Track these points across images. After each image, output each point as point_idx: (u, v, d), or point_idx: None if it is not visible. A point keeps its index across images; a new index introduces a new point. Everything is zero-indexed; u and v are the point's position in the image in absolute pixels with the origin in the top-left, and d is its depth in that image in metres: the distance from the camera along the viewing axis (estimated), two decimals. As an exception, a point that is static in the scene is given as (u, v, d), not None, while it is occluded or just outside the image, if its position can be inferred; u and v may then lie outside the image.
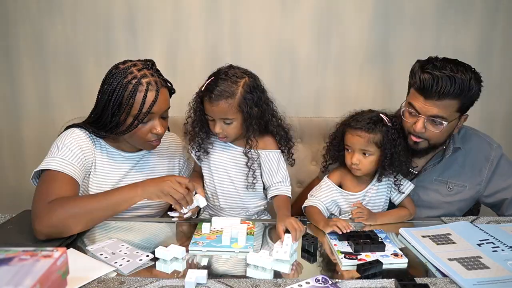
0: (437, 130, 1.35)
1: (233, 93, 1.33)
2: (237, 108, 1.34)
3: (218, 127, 1.36)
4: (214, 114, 1.35)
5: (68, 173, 1.28)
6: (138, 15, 2.03)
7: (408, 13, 2.04)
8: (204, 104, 1.37)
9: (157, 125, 1.35)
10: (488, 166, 1.43)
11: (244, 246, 1.21)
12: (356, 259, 1.14)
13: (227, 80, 1.34)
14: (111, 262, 1.11)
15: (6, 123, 2.19)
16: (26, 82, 2.13)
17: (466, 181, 1.46)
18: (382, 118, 1.40)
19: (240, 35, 2.06)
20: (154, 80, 1.32)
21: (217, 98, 1.32)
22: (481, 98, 2.09)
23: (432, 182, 1.50)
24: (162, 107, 1.35)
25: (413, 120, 1.37)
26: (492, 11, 2.04)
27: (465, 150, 1.47)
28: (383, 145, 1.38)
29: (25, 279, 0.83)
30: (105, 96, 1.32)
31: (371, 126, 1.38)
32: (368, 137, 1.38)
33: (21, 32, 2.06)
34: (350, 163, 1.42)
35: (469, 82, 1.29)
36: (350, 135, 1.41)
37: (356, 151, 1.40)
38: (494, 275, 1.04)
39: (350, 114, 1.47)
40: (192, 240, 1.24)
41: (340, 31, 2.05)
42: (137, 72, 1.31)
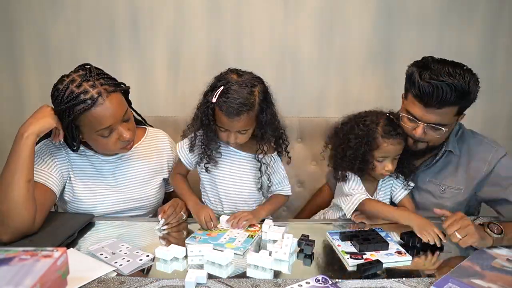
0: (437, 135, 1.34)
1: (252, 105, 1.28)
2: (255, 118, 1.31)
3: (233, 138, 1.32)
4: (232, 128, 1.30)
5: (39, 181, 1.28)
6: (141, 14, 2.03)
7: (411, 13, 2.03)
8: (218, 116, 1.30)
9: (122, 132, 1.29)
10: (486, 167, 1.39)
11: (237, 247, 1.21)
12: (362, 258, 1.14)
13: (243, 90, 1.27)
14: (111, 262, 1.11)
15: (9, 121, 2.20)
16: (29, 81, 2.14)
17: (461, 184, 1.43)
18: (393, 119, 1.40)
19: (243, 35, 2.06)
20: (97, 92, 1.23)
21: (238, 114, 1.25)
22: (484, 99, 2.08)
23: (425, 183, 1.48)
24: (117, 115, 1.27)
25: (412, 125, 1.35)
26: (496, 11, 2.03)
27: (462, 152, 1.44)
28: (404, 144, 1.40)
29: (25, 279, 0.83)
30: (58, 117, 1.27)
31: (400, 130, 1.37)
32: (402, 142, 1.38)
33: (24, 31, 2.07)
34: (382, 171, 1.39)
35: (468, 85, 1.26)
36: (390, 146, 1.35)
37: (391, 159, 1.38)
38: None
39: (356, 122, 1.40)
40: (192, 234, 1.26)
41: (342, 31, 2.05)
42: (76, 89, 1.23)
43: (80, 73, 1.27)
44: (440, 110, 1.28)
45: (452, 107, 1.29)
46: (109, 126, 1.26)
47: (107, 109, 1.24)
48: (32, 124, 1.24)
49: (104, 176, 1.42)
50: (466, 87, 1.26)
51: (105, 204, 1.41)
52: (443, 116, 1.30)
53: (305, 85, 2.11)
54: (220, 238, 1.25)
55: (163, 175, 1.52)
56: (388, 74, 2.08)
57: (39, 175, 1.30)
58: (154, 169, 1.50)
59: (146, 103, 2.09)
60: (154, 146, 1.52)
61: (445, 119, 1.31)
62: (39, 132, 1.24)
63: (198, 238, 1.24)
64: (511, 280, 1.06)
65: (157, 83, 2.10)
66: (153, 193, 1.48)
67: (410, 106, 1.34)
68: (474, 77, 1.30)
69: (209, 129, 1.33)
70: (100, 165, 1.42)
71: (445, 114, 1.29)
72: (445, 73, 1.25)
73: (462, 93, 1.25)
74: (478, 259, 1.16)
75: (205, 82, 2.09)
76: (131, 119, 1.35)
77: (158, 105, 2.12)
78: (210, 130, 1.34)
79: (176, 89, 2.12)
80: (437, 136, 1.34)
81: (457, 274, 1.08)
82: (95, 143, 1.32)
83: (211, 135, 1.35)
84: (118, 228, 1.36)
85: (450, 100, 1.26)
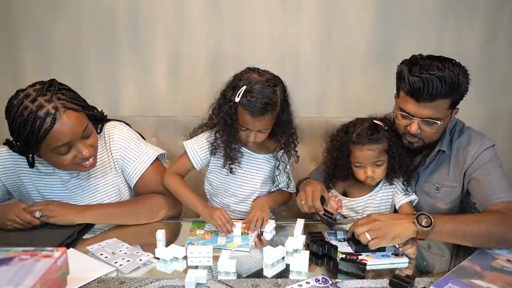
0: (433, 130, 1.34)
1: (275, 104, 1.31)
2: (276, 116, 1.34)
3: (252, 137, 1.33)
4: (255, 127, 1.31)
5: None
6: (141, 14, 2.03)
7: (411, 13, 2.02)
8: (241, 115, 1.30)
9: (80, 149, 1.22)
10: (470, 160, 1.39)
11: (240, 245, 1.21)
12: (357, 259, 1.14)
13: (267, 90, 1.28)
14: (111, 262, 1.11)
15: (9, 123, 2.20)
16: (29, 80, 2.10)
17: (454, 181, 1.43)
18: (378, 124, 1.40)
19: (243, 36, 2.06)
20: (53, 107, 1.15)
21: (263, 113, 1.27)
22: (484, 98, 2.10)
23: (420, 184, 1.48)
24: (76, 130, 1.19)
25: (406, 122, 1.35)
26: (495, 11, 2.02)
27: (453, 151, 1.44)
28: (390, 149, 1.39)
29: (25, 279, 0.83)
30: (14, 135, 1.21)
31: (376, 136, 1.37)
32: (378, 147, 1.37)
33: (24, 30, 2.06)
34: (364, 178, 1.41)
35: (458, 77, 1.27)
36: (359, 152, 1.38)
37: (369, 165, 1.39)
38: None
39: (342, 129, 1.45)
40: (186, 241, 1.23)
41: (342, 31, 2.04)
42: (31, 104, 1.15)
43: (37, 88, 1.20)
44: (432, 104, 1.29)
45: (444, 100, 1.29)
46: (66, 143, 1.19)
47: (64, 124, 1.17)
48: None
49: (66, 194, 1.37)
50: (456, 79, 1.27)
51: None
52: (436, 109, 1.30)
53: (305, 85, 2.11)
54: (217, 240, 1.24)
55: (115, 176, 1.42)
56: (388, 74, 2.07)
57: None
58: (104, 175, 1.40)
59: (146, 103, 2.09)
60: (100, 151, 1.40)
61: (439, 112, 1.31)
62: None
63: (196, 244, 1.22)
64: (511, 280, 1.05)
65: (157, 83, 2.10)
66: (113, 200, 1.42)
67: (403, 103, 1.35)
68: (463, 70, 1.31)
69: (231, 128, 1.33)
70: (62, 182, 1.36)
71: (438, 108, 1.30)
72: (434, 67, 1.27)
73: (452, 85, 1.26)
74: (478, 259, 1.16)
75: (205, 82, 2.11)
76: (92, 135, 1.27)
77: (158, 105, 2.12)
78: (232, 130, 1.34)
79: (176, 89, 2.12)
80: (433, 130, 1.34)
81: (457, 274, 1.08)
82: (51, 161, 1.25)
83: (232, 135, 1.35)
84: (118, 228, 1.36)
85: (441, 93, 1.26)
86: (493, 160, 1.37)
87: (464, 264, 1.13)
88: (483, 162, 1.37)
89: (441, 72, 1.26)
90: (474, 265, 1.13)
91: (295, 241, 1.20)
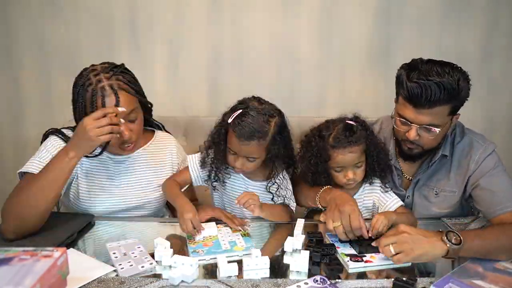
0: (432, 137, 1.31)
1: (265, 134, 1.29)
2: (265, 148, 1.32)
3: (239, 163, 1.32)
4: (240, 152, 1.30)
5: None
6: (140, 15, 2.03)
7: (410, 13, 2.03)
8: (230, 137, 1.31)
9: (122, 131, 1.29)
10: (473, 166, 1.36)
11: (246, 247, 1.21)
12: (362, 261, 1.13)
13: (260, 118, 1.28)
14: (116, 262, 1.10)
15: (8, 123, 2.20)
16: (28, 82, 2.14)
17: (454, 187, 1.41)
18: (353, 124, 1.36)
19: (242, 36, 2.06)
20: (109, 84, 1.28)
21: (249, 138, 1.26)
22: (483, 98, 2.10)
23: (420, 188, 1.46)
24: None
25: (405, 128, 1.32)
26: (494, 11, 2.03)
27: (454, 155, 1.41)
28: (368, 149, 1.36)
29: (25, 279, 0.83)
30: (73, 104, 1.33)
31: (355, 137, 1.33)
32: (359, 149, 1.34)
33: (23, 32, 2.07)
34: (344, 182, 1.36)
35: (458, 83, 1.23)
36: (341, 156, 1.32)
37: (350, 168, 1.34)
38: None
39: (315, 134, 1.39)
40: (190, 250, 1.19)
41: (341, 31, 2.05)
42: (93, 78, 1.29)
43: (105, 66, 1.34)
44: (431, 110, 1.25)
45: (443, 107, 1.25)
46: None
47: (112, 101, 1.27)
48: (79, 145, 1.23)
49: (110, 174, 1.43)
50: (455, 85, 1.23)
51: (108, 202, 1.41)
52: (434, 116, 1.27)
53: (304, 85, 2.11)
54: (221, 246, 1.22)
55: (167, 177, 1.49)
56: (387, 74, 2.07)
57: None
58: (158, 170, 1.49)
59: (146, 103, 2.09)
60: (160, 149, 1.52)
61: (437, 119, 1.27)
62: (83, 154, 1.26)
63: (201, 252, 1.19)
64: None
65: (156, 83, 2.10)
66: (155, 195, 1.48)
67: (401, 109, 1.31)
68: (464, 75, 1.27)
69: (219, 148, 1.34)
70: (108, 163, 1.43)
71: (436, 114, 1.26)
72: (433, 72, 1.23)
73: (451, 91, 1.23)
74: (481, 260, 1.15)
75: (204, 83, 2.11)
76: (137, 121, 1.36)
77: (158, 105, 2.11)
78: (220, 150, 1.34)
79: (176, 89, 2.12)
80: (431, 137, 1.31)
81: (458, 274, 1.08)
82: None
83: (220, 155, 1.35)
84: (118, 228, 1.36)
85: (440, 99, 1.23)
86: (497, 166, 1.34)
87: (466, 265, 1.13)
88: (487, 168, 1.34)
89: (440, 78, 1.22)
90: (476, 266, 1.13)
91: (295, 241, 1.20)
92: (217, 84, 2.10)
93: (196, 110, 2.12)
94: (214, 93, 2.13)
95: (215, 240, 1.25)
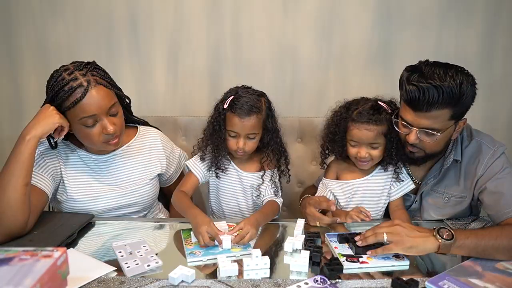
0: (432, 141, 1.29)
1: (260, 109, 1.40)
2: (262, 123, 1.42)
3: (241, 143, 1.40)
4: (242, 129, 1.38)
5: (32, 183, 1.27)
6: (140, 15, 2.03)
7: (410, 14, 2.03)
8: (229, 120, 1.39)
9: (105, 124, 1.29)
10: (481, 170, 1.35)
11: (244, 247, 1.21)
12: (358, 261, 1.14)
13: (252, 97, 1.40)
14: (122, 261, 1.11)
15: (9, 123, 2.20)
16: (29, 82, 2.14)
17: (464, 192, 1.40)
18: (382, 106, 1.37)
19: (242, 36, 2.06)
20: (86, 80, 1.27)
21: (248, 113, 1.37)
22: (483, 98, 2.10)
23: (428, 193, 1.45)
24: (102, 105, 1.28)
25: (406, 131, 1.32)
26: (494, 11, 2.03)
27: (463, 160, 1.40)
28: (389, 133, 1.36)
29: (25, 279, 0.83)
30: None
31: (377, 117, 1.34)
32: (377, 129, 1.34)
33: (24, 32, 2.06)
34: (357, 157, 1.38)
35: (459, 88, 1.20)
36: (356, 130, 1.35)
37: (364, 145, 1.37)
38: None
39: (344, 105, 1.43)
40: (187, 251, 1.19)
41: (342, 31, 2.05)
42: (67, 76, 1.28)
43: (76, 64, 1.33)
44: (429, 114, 1.23)
45: (442, 111, 1.23)
46: (93, 115, 1.27)
47: (93, 97, 1.26)
48: (34, 127, 1.24)
49: (98, 174, 1.42)
50: (456, 89, 1.20)
51: (99, 202, 1.41)
52: (434, 120, 1.25)
53: (304, 85, 2.11)
54: (218, 246, 1.21)
55: (155, 171, 1.52)
56: (387, 74, 2.08)
57: (40, 180, 1.30)
58: (145, 165, 1.50)
59: (146, 103, 2.10)
60: (145, 144, 1.52)
61: (437, 123, 1.25)
62: (41, 135, 1.25)
63: (198, 253, 1.19)
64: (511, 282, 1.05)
65: (156, 83, 2.10)
66: (146, 189, 1.49)
67: (402, 111, 1.31)
68: (469, 79, 1.23)
69: (219, 135, 1.42)
70: (93, 164, 1.42)
71: (435, 118, 1.24)
72: (435, 75, 1.21)
73: (451, 95, 1.20)
74: (482, 260, 1.15)
75: (204, 83, 2.11)
76: (119, 115, 1.35)
77: (158, 105, 2.13)
78: (220, 137, 1.42)
79: (176, 89, 2.12)
80: (431, 141, 1.29)
81: (455, 272, 1.08)
82: (79, 134, 1.32)
83: (221, 143, 1.42)
84: (118, 228, 1.36)
85: (438, 103, 1.20)
86: (505, 168, 1.32)
87: (465, 264, 1.13)
88: (495, 171, 1.32)
89: (441, 82, 1.19)
90: (475, 265, 1.13)
91: (295, 241, 1.20)
92: (217, 84, 2.10)
93: (196, 110, 2.12)
94: (214, 93, 2.11)
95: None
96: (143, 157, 1.50)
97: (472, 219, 1.45)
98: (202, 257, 1.17)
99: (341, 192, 1.45)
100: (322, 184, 1.51)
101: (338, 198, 1.45)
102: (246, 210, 1.53)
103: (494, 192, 1.31)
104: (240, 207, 1.53)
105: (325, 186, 1.48)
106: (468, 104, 1.27)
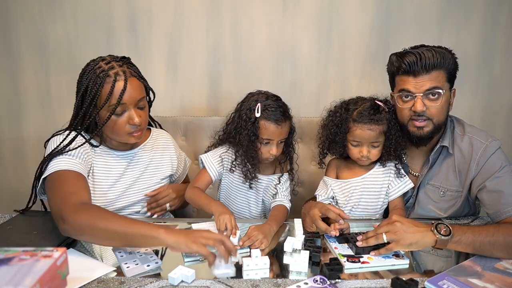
0: (437, 103, 1.34)
1: (290, 115, 1.43)
2: (290, 127, 1.45)
3: (274, 150, 1.40)
4: (279, 135, 1.39)
5: (77, 170, 1.29)
6: (139, 15, 2.03)
7: (410, 13, 2.03)
8: (263, 128, 1.37)
9: (133, 115, 1.33)
10: (475, 167, 1.36)
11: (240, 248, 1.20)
12: (359, 261, 1.14)
13: (279, 102, 1.41)
14: (122, 261, 1.11)
15: (7, 122, 2.19)
16: (27, 81, 2.14)
17: (459, 186, 1.41)
18: (380, 105, 1.40)
19: (241, 36, 2.06)
20: (122, 70, 1.32)
21: (285, 119, 1.39)
22: (483, 96, 2.11)
23: (424, 186, 1.46)
24: (133, 96, 1.33)
25: (409, 104, 1.36)
26: (493, 10, 2.03)
27: (455, 154, 1.41)
28: (388, 131, 1.40)
29: (25, 279, 0.83)
30: (79, 94, 1.34)
31: (378, 117, 1.37)
32: (379, 129, 1.37)
33: (23, 31, 2.06)
34: (359, 157, 1.41)
35: (447, 51, 1.36)
36: (360, 131, 1.37)
37: (366, 145, 1.39)
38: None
39: (342, 106, 1.45)
40: (186, 260, 1.16)
41: (341, 31, 2.05)
42: (104, 65, 1.32)
43: (113, 56, 1.38)
44: (429, 75, 1.32)
45: (439, 71, 1.33)
46: (123, 104, 1.31)
47: (126, 86, 1.31)
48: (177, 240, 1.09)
49: (117, 172, 1.45)
50: (445, 52, 1.35)
51: (113, 196, 1.43)
52: (435, 80, 1.33)
53: (304, 85, 2.11)
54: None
55: (167, 171, 1.56)
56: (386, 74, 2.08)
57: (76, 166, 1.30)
58: (158, 167, 1.54)
59: (146, 103, 2.10)
60: (158, 144, 1.57)
61: (438, 82, 1.33)
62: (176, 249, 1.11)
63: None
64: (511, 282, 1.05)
65: (156, 83, 2.09)
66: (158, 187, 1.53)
67: (400, 85, 1.37)
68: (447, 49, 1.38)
69: (254, 145, 1.39)
70: (115, 160, 1.45)
71: (436, 78, 1.33)
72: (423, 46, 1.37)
73: (443, 55, 1.33)
74: (481, 260, 1.15)
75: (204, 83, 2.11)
76: (145, 109, 1.40)
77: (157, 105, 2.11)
78: (255, 147, 1.39)
79: (175, 89, 2.12)
80: (437, 104, 1.34)
81: (455, 272, 1.08)
82: (108, 124, 1.34)
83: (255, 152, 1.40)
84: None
85: (435, 63, 1.31)
86: (504, 166, 1.33)
87: (465, 263, 1.14)
88: (492, 170, 1.33)
89: (430, 47, 1.35)
90: (475, 265, 1.13)
91: (294, 241, 1.20)
92: (217, 84, 2.11)
93: (196, 110, 2.12)
94: (214, 93, 2.13)
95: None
96: (157, 158, 1.54)
97: (473, 218, 1.45)
98: (199, 256, 1.16)
99: (340, 191, 1.46)
100: (322, 182, 1.52)
101: (337, 197, 1.46)
102: (255, 210, 1.55)
103: (494, 191, 1.32)
104: (249, 207, 1.54)
105: (325, 183, 1.49)
106: (456, 68, 1.38)
